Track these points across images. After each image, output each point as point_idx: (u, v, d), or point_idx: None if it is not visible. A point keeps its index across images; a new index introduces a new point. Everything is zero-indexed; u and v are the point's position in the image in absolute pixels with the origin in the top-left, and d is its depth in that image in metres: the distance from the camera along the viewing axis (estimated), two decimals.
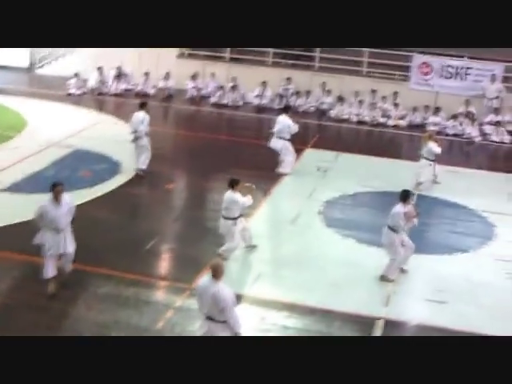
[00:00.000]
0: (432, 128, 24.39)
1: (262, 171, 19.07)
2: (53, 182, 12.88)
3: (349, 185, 19.08)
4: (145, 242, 14.95)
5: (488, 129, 25.13)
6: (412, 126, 25.67)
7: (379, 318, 12.58)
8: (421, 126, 25.32)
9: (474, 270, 14.73)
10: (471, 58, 26.18)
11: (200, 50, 29.17)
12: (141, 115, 18.81)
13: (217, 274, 9.97)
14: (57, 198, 12.53)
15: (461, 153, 23.14)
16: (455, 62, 26.30)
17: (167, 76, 27.77)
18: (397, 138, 25.13)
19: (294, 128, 19.57)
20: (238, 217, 14.33)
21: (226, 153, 21.59)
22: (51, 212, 12.46)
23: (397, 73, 27.20)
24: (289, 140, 19.67)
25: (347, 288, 13.64)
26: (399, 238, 13.85)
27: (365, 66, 27.76)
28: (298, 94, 27.09)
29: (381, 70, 27.34)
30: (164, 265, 14.74)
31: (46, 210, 12.50)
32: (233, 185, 14.10)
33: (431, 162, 19.09)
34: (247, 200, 14.27)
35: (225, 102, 27.18)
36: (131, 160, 19.30)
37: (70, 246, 12.79)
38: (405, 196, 13.85)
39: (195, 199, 18.23)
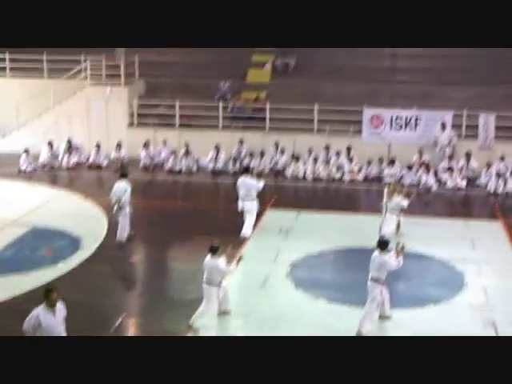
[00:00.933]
0: (388, 180, 24.56)
1: (224, 236, 18.54)
2: (46, 287, 11.63)
3: (313, 244, 18.93)
4: (113, 320, 14.54)
5: (443, 176, 25.35)
6: (368, 180, 25.79)
7: None
8: (377, 179, 25.46)
9: (450, 322, 14.57)
10: (420, 107, 26.56)
11: (149, 118, 29.10)
12: (123, 185, 18.98)
13: None
14: (52, 306, 11.18)
15: (419, 202, 23.14)
16: (405, 113, 26.55)
17: (119, 146, 27.55)
18: (354, 193, 25.20)
19: (260, 185, 19.56)
20: (220, 283, 14.15)
21: (185, 220, 21.35)
22: (47, 321, 11.10)
23: (351, 128, 27.29)
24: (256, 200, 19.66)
25: None
26: (383, 289, 13.86)
27: (316, 123, 27.87)
28: (251, 155, 27.04)
29: (333, 127, 27.45)
30: None
31: (40, 319, 11.08)
32: (214, 251, 13.94)
33: (397, 215, 19.16)
34: (231, 267, 14.21)
35: (179, 168, 27.00)
36: (91, 234, 19.04)
37: None
38: (383, 244, 13.79)
39: (159, 270, 17.86)
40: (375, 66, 29.76)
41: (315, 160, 26.39)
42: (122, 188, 18.93)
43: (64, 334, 11.54)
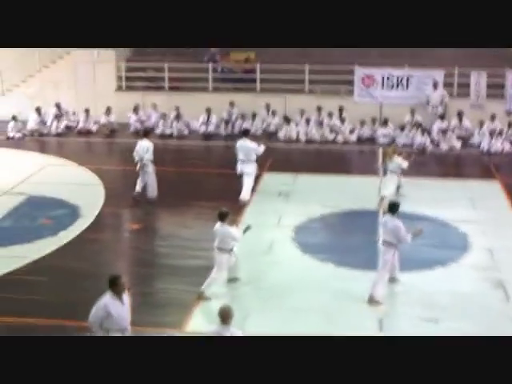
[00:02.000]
0: (382, 140, 24.48)
1: (223, 201, 17.88)
2: (112, 275, 10.80)
3: (313, 207, 18.80)
4: None
5: (436, 136, 25.24)
6: (361, 140, 25.66)
7: None
8: (370, 140, 25.35)
9: (458, 283, 14.64)
10: (411, 66, 26.38)
11: (138, 81, 28.68)
12: (145, 143, 19.33)
13: (227, 318, 9.90)
14: (120, 293, 10.62)
15: (415, 163, 22.98)
16: (396, 72, 26.34)
17: (108, 111, 27.13)
18: (348, 154, 25.09)
19: (260, 149, 19.40)
20: (232, 249, 14.02)
21: (181, 185, 21.05)
22: (116, 311, 10.51)
23: (342, 87, 27.08)
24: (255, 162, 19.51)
25: (337, 315, 13.37)
26: (395, 253, 13.81)
27: (307, 83, 27.63)
28: (243, 117, 26.74)
29: (324, 85, 27.24)
30: (146, 311, 14.09)
31: (109, 309, 10.49)
32: (223, 217, 13.79)
33: (398, 176, 19.05)
34: (239, 235, 14.08)
35: (170, 132, 26.67)
36: (88, 202, 18.87)
37: None
38: (394, 207, 13.74)
39: (161, 237, 17.70)
40: None
41: (307, 121, 26.19)
42: (144, 147, 19.24)
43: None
